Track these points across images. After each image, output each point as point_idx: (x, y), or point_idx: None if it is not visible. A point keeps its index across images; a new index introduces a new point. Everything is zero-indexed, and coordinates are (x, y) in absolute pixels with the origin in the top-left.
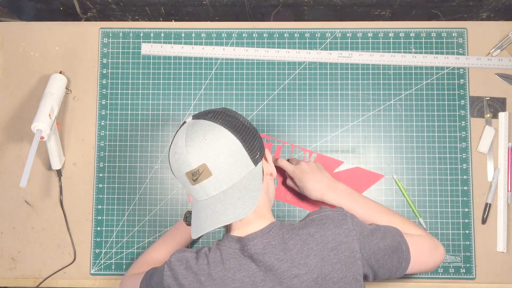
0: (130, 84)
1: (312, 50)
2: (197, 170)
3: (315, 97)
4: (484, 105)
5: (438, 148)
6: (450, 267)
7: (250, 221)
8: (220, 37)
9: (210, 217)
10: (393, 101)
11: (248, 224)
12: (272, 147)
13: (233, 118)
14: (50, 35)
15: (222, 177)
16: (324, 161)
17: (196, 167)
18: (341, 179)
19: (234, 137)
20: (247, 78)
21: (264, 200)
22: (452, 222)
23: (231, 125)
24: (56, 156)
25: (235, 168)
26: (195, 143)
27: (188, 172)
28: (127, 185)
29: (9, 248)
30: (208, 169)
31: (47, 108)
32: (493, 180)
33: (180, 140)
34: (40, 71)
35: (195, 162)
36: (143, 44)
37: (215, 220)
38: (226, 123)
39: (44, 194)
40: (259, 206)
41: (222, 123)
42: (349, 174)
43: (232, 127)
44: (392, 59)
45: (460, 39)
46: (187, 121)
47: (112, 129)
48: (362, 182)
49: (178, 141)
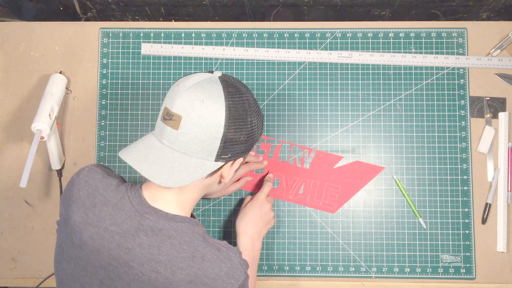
0: (130, 84)
1: (312, 50)
2: (172, 115)
3: (315, 97)
4: (484, 105)
5: (438, 148)
6: (450, 267)
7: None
8: (220, 37)
9: (142, 155)
10: (393, 101)
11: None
12: (271, 147)
13: (244, 111)
14: (50, 35)
15: (182, 140)
16: (324, 157)
17: (174, 112)
18: (342, 174)
19: (223, 125)
20: (247, 78)
21: (196, 190)
22: (452, 222)
23: (233, 114)
24: (56, 156)
25: (198, 145)
26: (193, 95)
27: (167, 108)
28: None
29: (9, 248)
30: (180, 123)
31: (47, 108)
32: (493, 180)
33: (189, 81)
34: (40, 71)
35: (177, 108)
36: (143, 44)
37: (139, 162)
38: (232, 108)
39: (44, 194)
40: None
41: (229, 104)
42: (349, 169)
43: (232, 116)
44: (392, 59)
45: (460, 39)
46: (214, 73)
47: (112, 129)
48: (363, 175)
49: (189, 80)
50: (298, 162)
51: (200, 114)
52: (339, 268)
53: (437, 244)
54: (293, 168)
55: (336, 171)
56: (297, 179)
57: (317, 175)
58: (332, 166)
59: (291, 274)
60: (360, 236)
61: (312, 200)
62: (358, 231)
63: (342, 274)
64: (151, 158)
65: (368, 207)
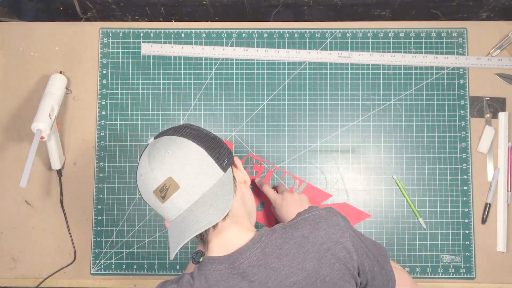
0: (130, 84)
1: (312, 50)
2: (164, 185)
3: (315, 97)
4: (484, 105)
5: (438, 148)
6: (450, 267)
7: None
8: (220, 37)
9: (183, 230)
10: (393, 101)
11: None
12: (263, 170)
13: (195, 130)
14: (50, 35)
15: (191, 187)
16: (313, 193)
17: (162, 182)
18: None
19: (197, 145)
20: (247, 78)
21: (240, 208)
22: (452, 222)
23: (193, 136)
24: (56, 156)
25: (203, 176)
26: (157, 158)
27: (155, 189)
28: (127, 185)
29: (9, 248)
30: (175, 182)
31: (47, 108)
32: (493, 180)
33: (143, 161)
34: (40, 71)
35: (160, 177)
36: (143, 44)
37: (188, 231)
38: (187, 135)
39: (44, 194)
40: (236, 215)
41: (183, 135)
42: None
43: (194, 137)
44: (392, 59)
45: (460, 39)
46: (149, 142)
47: (112, 129)
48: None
49: (142, 162)
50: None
51: (177, 159)
52: None
53: (437, 244)
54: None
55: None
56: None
57: None
58: (319, 202)
59: None
60: None
61: None
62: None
63: None
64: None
65: (368, 207)
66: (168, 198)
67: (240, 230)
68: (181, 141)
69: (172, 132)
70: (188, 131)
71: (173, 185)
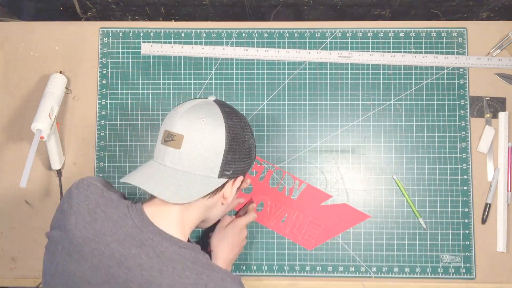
0: (130, 84)
1: (312, 50)
2: (174, 135)
3: (315, 97)
4: (484, 105)
5: (438, 148)
6: (450, 267)
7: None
8: (220, 37)
9: (145, 176)
10: (393, 101)
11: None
12: (263, 170)
13: (241, 129)
14: (50, 35)
15: (185, 158)
16: (313, 193)
17: (175, 132)
18: (327, 213)
19: (224, 141)
20: (247, 78)
21: (196, 212)
22: (452, 222)
23: (232, 132)
24: (56, 156)
25: (201, 162)
26: (193, 114)
27: (167, 130)
28: (127, 185)
29: (9, 248)
30: (182, 142)
31: (47, 108)
32: (493, 180)
33: (187, 105)
34: (40, 71)
35: (178, 128)
36: (143, 44)
37: (145, 181)
38: (230, 126)
39: (44, 194)
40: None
41: (228, 122)
42: (336, 210)
43: (231, 133)
44: (392, 59)
45: (460, 39)
46: (208, 98)
47: (112, 129)
48: (347, 219)
49: (186, 104)
50: (286, 191)
51: (202, 131)
52: (339, 268)
53: (437, 244)
54: (280, 196)
55: (322, 208)
56: (281, 207)
57: (302, 208)
58: (319, 202)
59: (291, 274)
60: (360, 236)
61: (292, 232)
62: (358, 231)
63: (342, 274)
64: (156, 177)
65: (368, 207)
66: (166, 145)
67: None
68: (220, 126)
69: (226, 111)
70: (235, 124)
71: (178, 142)
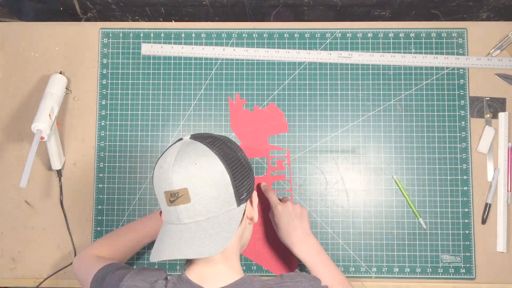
0: (130, 84)
1: (312, 50)
2: (177, 192)
3: (315, 97)
4: (484, 105)
5: (438, 148)
6: (450, 267)
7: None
8: (220, 37)
9: (173, 244)
10: (393, 101)
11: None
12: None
13: (231, 150)
14: (50, 35)
15: (200, 207)
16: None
17: (177, 189)
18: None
19: (225, 170)
20: (247, 78)
21: (235, 246)
22: (452, 222)
23: (226, 157)
24: (56, 156)
25: (216, 202)
26: (183, 163)
27: (168, 191)
28: (127, 185)
29: (9, 248)
30: (188, 195)
31: (47, 108)
32: (493, 180)
33: (170, 157)
34: (40, 71)
35: (178, 183)
36: (143, 44)
37: (177, 249)
38: (221, 153)
39: (44, 194)
40: (229, 251)
41: (217, 151)
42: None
43: (226, 159)
44: (392, 59)
45: (460, 39)
46: (183, 138)
47: (112, 129)
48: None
49: (167, 156)
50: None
51: (201, 175)
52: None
53: (437, 244)
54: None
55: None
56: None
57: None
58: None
59: None
60: (360, 236)
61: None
62: (358, 231)
63: None
64: (185, 240)
65: (368, 207)
66: (175, 205)
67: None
68: (213, 158)
69: (209, 143)
70: (224, 149)
71: (185, 197)
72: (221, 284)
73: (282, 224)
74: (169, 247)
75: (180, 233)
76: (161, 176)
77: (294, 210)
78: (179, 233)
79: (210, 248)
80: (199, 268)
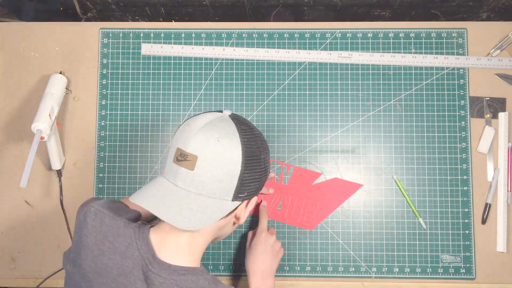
0: (130, 84)
1: (312, 50)
2: (187, 155)
3: (315, 97)
4: (484, 105)
5: (438, 148)
6: (450, 267)
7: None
8: (220, 38)
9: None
10: (393, 101)
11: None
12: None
13: (257, 147)
14: (50, 35)
15: (198, 180)
16: (303, 174)
17: (189, 152)
18: (320, 191)
19: (241, 162)
20: (247, 78)
21: (208, 234)
22: (452, 222)
23: (248, 151)
24: (56, 156)
25: (215, 185)
26: (208, 133)
27: (180, 149)
28: (127, 185)
29: (9, 248)
30: (195, 163)
31: (47, 108)
32: (493, 180)
33: (201, 121)
34: (40, 71)
35: (192, 148)
36: (143, 44)
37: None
38: (246, 145)
39: (44, 194)
40: (199, 236)
41: (244, 142)
42: (328, 186)
43: (248, 153)
44: (392, 59)
45: (460, 39)
46: (223, 112)
47: (112, 129)
48: (341, 191)
49: (199, 119)
50: (276, 179)
51: (216, 153)
52: (339, 268)
53: (437, 244)
54: (272, 184)
55: (315, 187)
56: (275, 195)
57: (295, 191)
58: (310, 182)
59: (291, 274)
60: (360, 236)
61: (290, 216)
62: (358, 231)
63: (342, 274)
64: (167, 201)
65: (368, 207)
66: (179, 165)
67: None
68: (236, 146)
69: (242, 129)
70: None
71: (192, 163)
72: (173, 261)
73: (255, 250)
74: (150, 198)
75: (168, 192)
76: (183, 133)
77: (273, 246)
78: (167, 191)
79: (184, 221)
80: (164, 234)
